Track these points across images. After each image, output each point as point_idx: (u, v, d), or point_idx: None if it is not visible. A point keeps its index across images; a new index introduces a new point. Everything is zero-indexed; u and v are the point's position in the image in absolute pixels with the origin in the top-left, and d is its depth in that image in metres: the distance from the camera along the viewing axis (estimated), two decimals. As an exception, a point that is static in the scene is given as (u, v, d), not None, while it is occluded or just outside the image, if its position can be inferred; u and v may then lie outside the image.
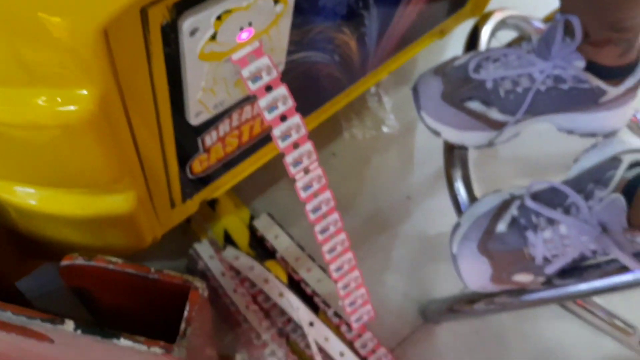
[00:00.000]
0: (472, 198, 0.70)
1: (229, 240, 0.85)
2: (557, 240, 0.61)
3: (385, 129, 0.96)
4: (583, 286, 0.64)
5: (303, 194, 0.54)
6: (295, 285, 0.82)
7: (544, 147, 0.96)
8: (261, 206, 0.89)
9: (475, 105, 0.67)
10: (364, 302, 0.66)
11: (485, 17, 0.81)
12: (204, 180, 0.66)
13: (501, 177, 0.95)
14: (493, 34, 0.80)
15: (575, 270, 0.64)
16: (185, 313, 0.46)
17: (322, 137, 0.95)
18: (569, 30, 0.63)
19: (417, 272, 0.87)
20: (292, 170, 0.53)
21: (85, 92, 0.42)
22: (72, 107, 0.42)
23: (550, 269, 0.60)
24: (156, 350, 0.44)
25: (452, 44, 1.01)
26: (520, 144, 0.98)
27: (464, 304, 0.78)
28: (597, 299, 0.77)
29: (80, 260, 0.49)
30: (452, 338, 0.83)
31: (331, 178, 0.93)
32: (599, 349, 0.82)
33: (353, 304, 0.65)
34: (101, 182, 0.49)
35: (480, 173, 0.95)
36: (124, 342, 0.44)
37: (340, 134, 0.96)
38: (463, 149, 0.72)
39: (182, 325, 0.45)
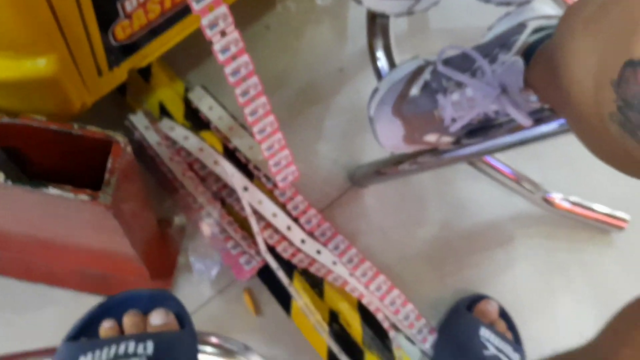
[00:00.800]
0: (393, 66, 0.74)
1: (164, 112, 0.88)
2: (464, 102, 0.66)
3: (319, 1, 0.97)
4: (488, 144, 0.70)
5: (221, 57, 0.57)
6: (230, 153, 0.86)
7: (471, 20, 0.99)
8: (195, 79, 0.91)
9: (393, -27, 0.69)
10: (288, 163, 0.71)
11: None
12: (130, 48, 0.68)
13: (429, 48, 0.98)
14: None
15: (481, 130, 0.70)
16: (108, 165, 0.50)
17: (256, 9, 0.96)
18: None
19: (347, 141, 0.92)
20: (208, 33, 0.55)
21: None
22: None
23: (455, 127, 0.66)
24: (83, 197, 0.48)
25: None
26: (449, 17, 1.01)
27: (390, 166, 0.83)
28: (507, 161, 0.84)
29: (5, 119, 0.51)
30: (377, 199, 0.90)
31: (265, 51, 0.96)
32: (509, 206, 0.91)
33: (278, 164, 0.70)
34: (19, 43, 0.51)
35: (409, 44, 0.99)
36: (52, 190, 0.48)
37: (273, 7, 0.97)
38: (384, 17, 0.74)
39: (106, 176, 0.49)
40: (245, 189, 0.82)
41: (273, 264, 0.80)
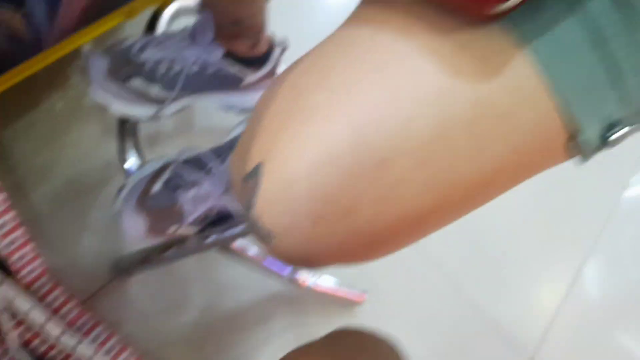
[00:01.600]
0: (143, 164, 0.81)
1: None
2: (199, 197, 0.74)
3: (87, 101, 1.02)
4: (226, 233, 0.79)
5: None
6: (-15, 249, 0.85)
7: (233, 121, 1.11)
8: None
9: (137, 83, 0.77)
10: (34, 256, 0.73)
11: (165, 3, 0.91)
12: None
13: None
14: (173, 19, 0.91)
15: (221, 220, 0.79)
16: None
17: (20, 108, 0.98)
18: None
19: (113, 232, 0.96)
20: None
21: None
22: None
23: (191, 219, 0.73)
24: None
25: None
26: (213, 118, 1.12)
27: (157, 253, 0.88)
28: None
29: None
30: (141, 287, 0.94)
31: (29, 147, 0.98)
32: (267, 288, 1.00)
33: (22, 259, 0.72)
34: None
35: (174, 142, 1.07)
36: None
37: (39, 105, 1.00)
38: (134, 121, 0.81)
39: None
40: (-1, 284, 0.81)
41: None
